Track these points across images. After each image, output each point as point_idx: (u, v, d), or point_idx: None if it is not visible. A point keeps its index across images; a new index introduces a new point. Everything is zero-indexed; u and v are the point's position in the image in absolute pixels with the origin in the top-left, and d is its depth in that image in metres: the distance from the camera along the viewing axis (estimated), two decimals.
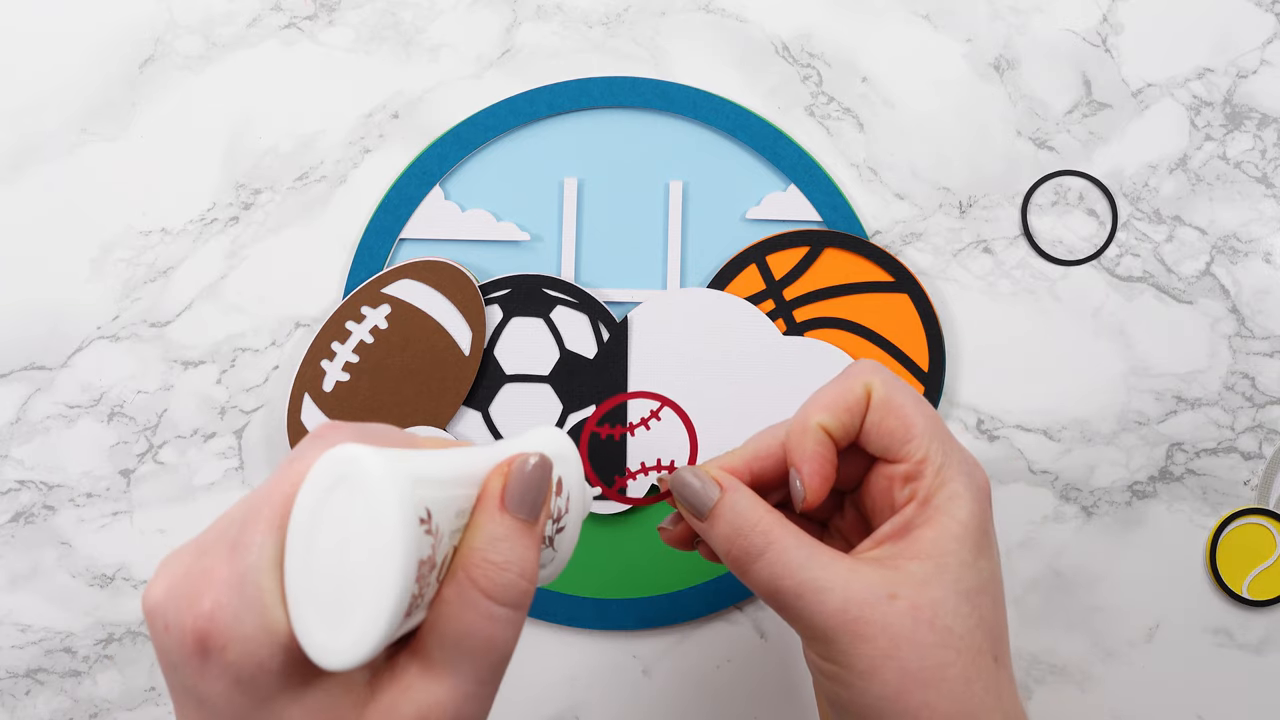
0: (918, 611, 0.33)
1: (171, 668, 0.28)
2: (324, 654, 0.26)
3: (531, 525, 0.30)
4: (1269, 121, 0.53)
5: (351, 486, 0.26)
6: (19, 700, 0.50)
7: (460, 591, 0.29)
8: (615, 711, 0.51)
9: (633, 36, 0.53)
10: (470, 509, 0.30)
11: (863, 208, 0.52)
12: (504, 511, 0.30)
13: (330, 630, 0.26)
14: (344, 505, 0.26)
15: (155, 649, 0.28)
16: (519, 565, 0.29)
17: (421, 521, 0.26)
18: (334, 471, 0.27)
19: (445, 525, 0.28)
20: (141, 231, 0.52)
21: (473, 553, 0.29)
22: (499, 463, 0.31)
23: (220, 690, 0.27)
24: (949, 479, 0.35)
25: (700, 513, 0.36)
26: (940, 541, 0.34)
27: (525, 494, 0.30)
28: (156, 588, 0.28)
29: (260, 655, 0.26)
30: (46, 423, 0.51)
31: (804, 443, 0.36)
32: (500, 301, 0.51)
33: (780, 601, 0.34)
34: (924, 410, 0.36)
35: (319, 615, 0.26)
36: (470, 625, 0.29)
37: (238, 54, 0.53)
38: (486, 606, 0.29)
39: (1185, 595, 0.51)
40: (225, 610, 0.26)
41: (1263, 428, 0.52)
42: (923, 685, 0.33)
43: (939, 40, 0.53)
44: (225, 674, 0.26)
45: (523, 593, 0.29)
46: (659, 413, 0.46)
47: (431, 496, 0.27)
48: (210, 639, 0.26)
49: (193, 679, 0.27)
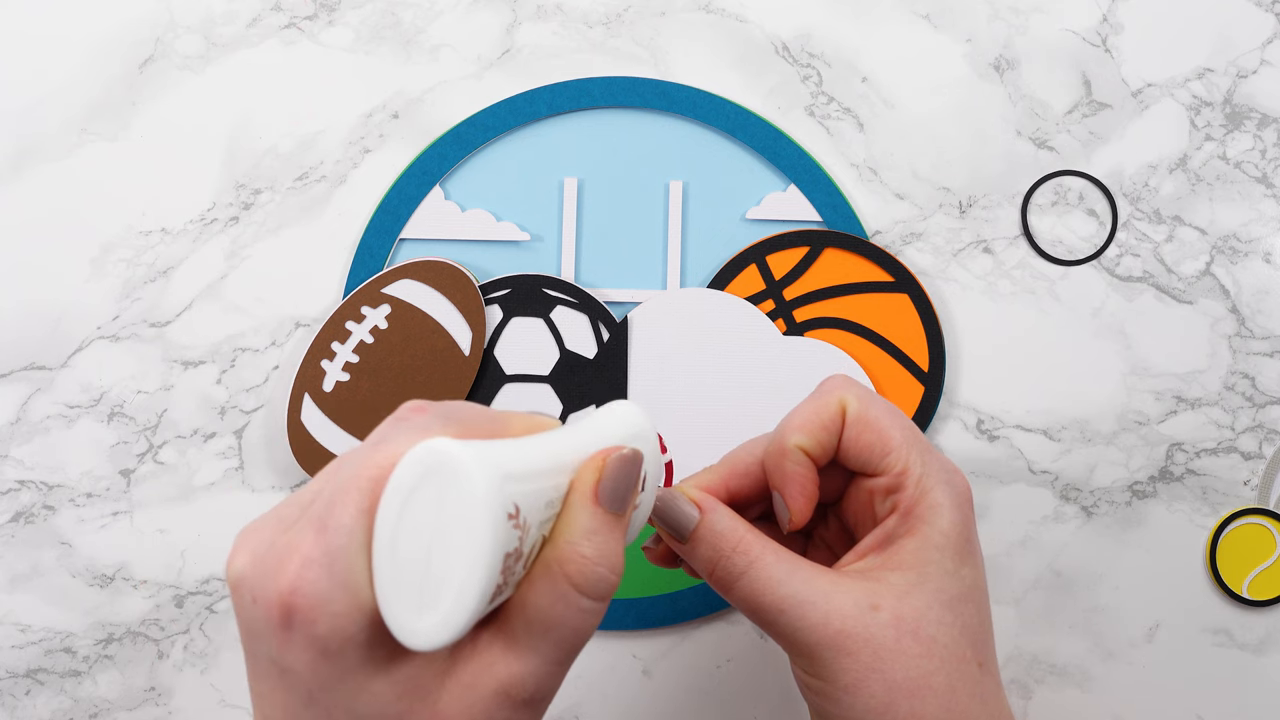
0: (901, 622, 0.33)
1: (255, 639, 0.28)
2: (410, 635, 0.27)
3: (620, 517, 0.31)
4: (1269, 121, 0.53)
5: (443, 481, 0.27)
6: (19, 700, 0.50)
7: (552, 583, 0.29)
8: (615, 711, 0.51)
9: (633, 36, 0.53)
10: (558, 499, 0.30)
11: (863, 208, 0.52)
12: (597, 506, 0.30)
13: (415, 613, 0.27)
14: (434, 496, 0.27)
15: (238, 620, 0.29)
16: (610, 559, 0.30)
17: (510, 517, 0.27)
18: (426, 463, 0.27)
19: (533, 517, 0.29)
20: (141, 231, 0.52)
21: (568, 546, 0.29)
22: (592, 455, 0.31)
23: (306, 661, 0.27)
24: (929, 489, 0.35)
25: (681, 535, 0.36)
26: (922, 551, 0.34)
27: (617, 488, 0.30)
28: (240, 559, 0.28)
29: (348, 629, 0.27)
30: (46, 423, 0.51)
31: (783, 465, 0.36)
32: (500, 301, 0.51)
33: (763, 618, 0.34)
34: (900, 422, 0.36)
35: (404, 598, 0.27)
36: (559, 615, 0.29)
37: (238, 54, 0.53)
38: (576, 599, 0.29)
39: (1185, 595, 0.51)
40: (314, 584, 0.27)
41: (1263, 428, 0.52)
42: (909, 695, 0.33)
43: (939, 40, 0.53)
44: (312, 645, 0.27)
45: (611, 585, 0.30)
46: None
47: (521, 491, 0.28)
48: (298, 611, 0.27)
49: (278, 650, 0.27)
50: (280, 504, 0.30)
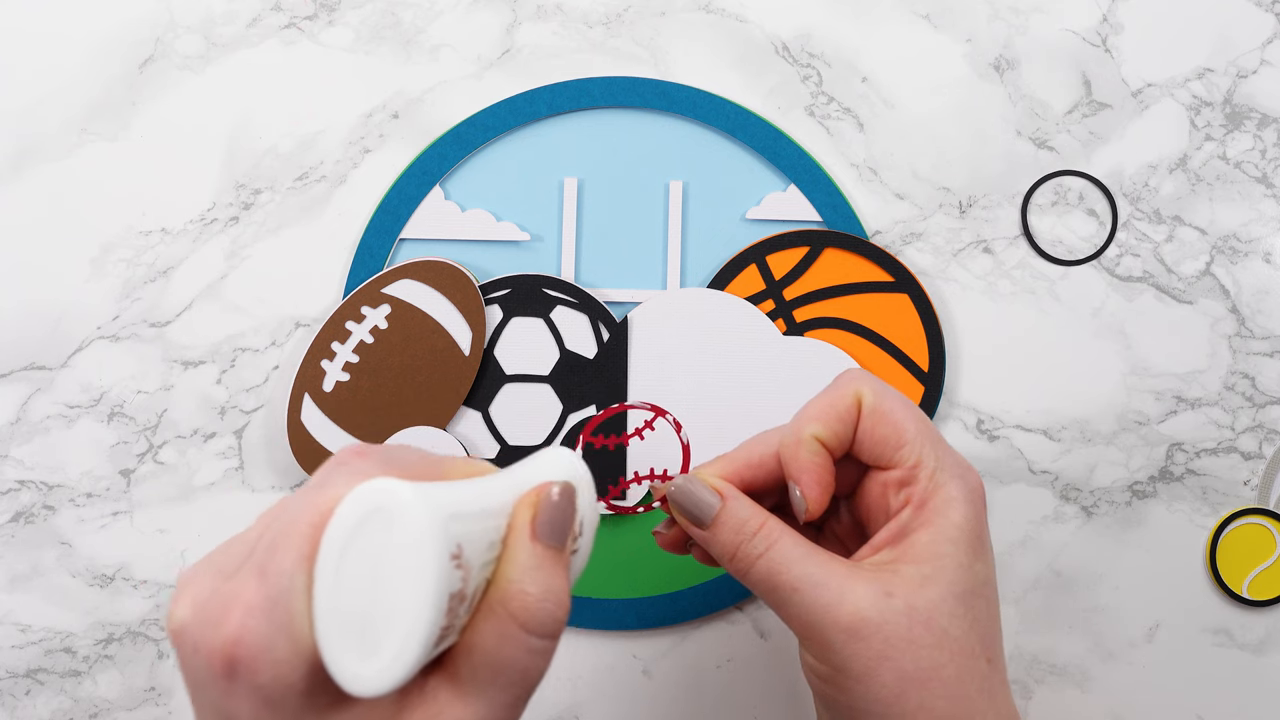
0: (914, 612, 0.33)
1: (199, 688, 0.28)
2: (352, 681, 0.27)
3: (560, 552, 0.31)
4: (1269, 121, 0.53)
5: (385, 521, 0.27)
6: (19, 700, 0.50)
7: (498, 624, 0.29)
8: (615, 711, 0.51)
9: (633, 36, 0.53)
10: (499, 540, 0.30)
11: (863, 208, 0.52)
12: (535, 542, 0.30)
13: (358, 658, 0.27)
14: (376, 538, 0.27)
15: (182, 670, 0.28)
16: (555, 595, 0.30)
17: (453, 556, 0.27)
18: (368, 504, 0.27)
19: (476, 559, 0.28)
20: (141, 231, 0.52)
21: (510, 584, 0.29)
22: (525, 493, 0.31)
23: (250, 710, 0.27)
24: (943, 483, 0.35)
25: (702, 522, 0.36)
26: (935, 545, 0.34)
27: (554, 522, 0.30)
28: (181, 608, 0.28)
29: (290, 678, 0.27)
30: (46, 423, 0.51)
31: (799, 455, 0.36)
32: (500, 301, 0.51)
33: (778, 597, 0.34)
34: (914, 415, 0.36)
35: (347, 643, 0.27)
36: (508, 656, 0.29)
37: (238, 54, 0.53)
38: (524, 639, 0.29)
39: (1185, 595, 0.51)
40: (255, 633, 0.26)
41: (1263, 428, 0.52)
42: (919, 686, 0.33)
43: (939, 40, 0.53)
44: (255, 695, 0.27)
45: (558, 622, 0.30)
46: (653, 423, 0.46)
47: (463, 531, 0.28)
48: (240, 661, 0.26)
49: (221, 700, 0.27)
50: (219, 548, 0.29)
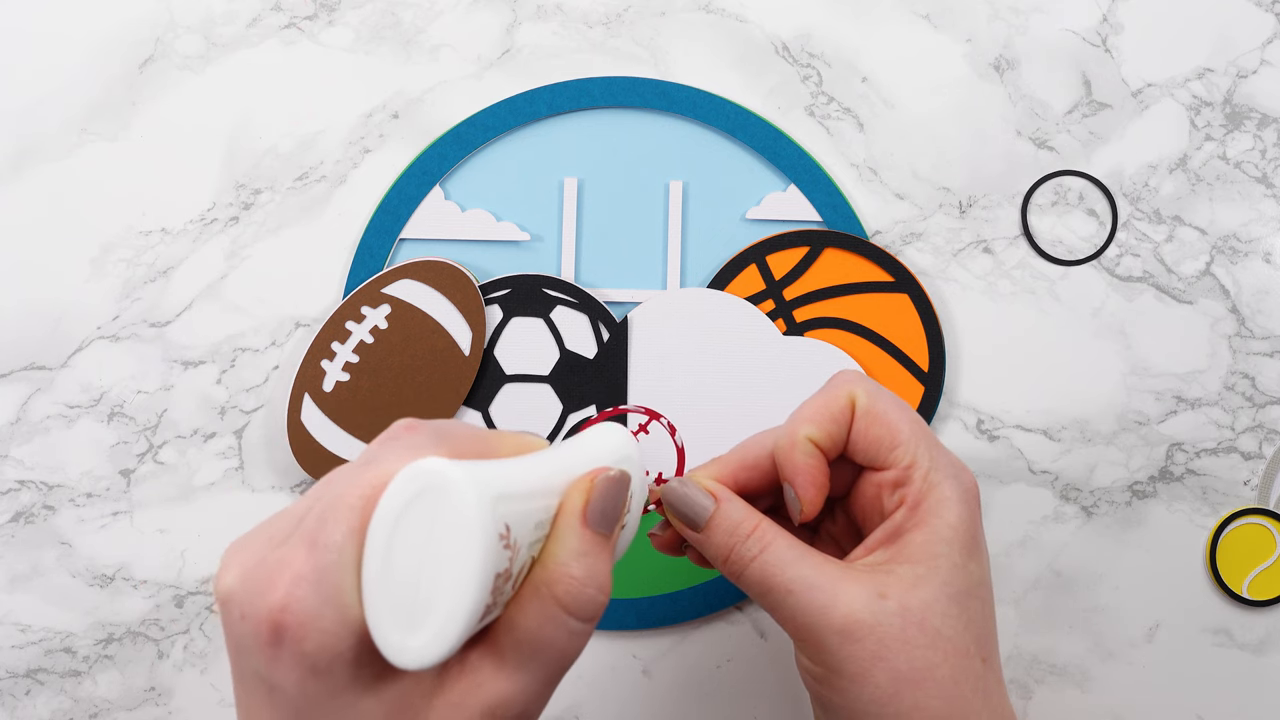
0: (907, 613, 0.33)
1: (243, 654, 0.28)
2: (398, 653, 0.27)
3: (608, 539, 0.31)
4: (1269, 121, 0.53)
5: (435, 500, 0.27)
6: (19, 700, 0.50)
7: (542, 606, 0.29)
8: (615, 711, 0.51)
9: (633, 36, 0.53)
10: (547, 520, 0.30)
11: (863, 208, 0.52)
12: (585, 527, 0.30)
13: (404, 631, 0.27)
14: (426, 516, 0.27)
15: (226, 635, 0.28)
16: (598, 580, 0.30)
17: (501, 537, 0.27)
18: (418, 483, 0.27)
19: (523, 538, 0.29)
20: (141, 231, 0.52)
21: (557, 567, 0.30)
22: (580, 477, 0.31)
23: (295, 679, 0.27)
24: (937, 483, 0.35)
25: (696, 524, 0.36)
26: (930, 545, 0.34)
27: (605, 510, 0.31)
28: (229, 575, 0.28)
29: (337, 647, 0.27)
30: (46, 423, 0.51)
31: (794, 456, 0.36)
32: (500, 301, 0.51)
33: (772, 600, 0.35)
34: (908, 416, 0.37)
35: (394, 616, 0.27)
36: (548, 636, 0.29)
37: (238, 54, 0.53)
38: (565, 620, 0.30)
39: (1185, 595, 0.51)
40: (303, 602, 0.27)
41: (1263, 428, 0.52)
42: (913, 687, 0.33)
43: (939, 40, 0.53)
44: (301, 663, 0.27)
45: (600, 606, 0.30)
46: (647, 426, 0.46)
47: (512, 511, 0.28)
48: (287, 629, 0.27)
49: (266, 667, 0.27)
50: (269, 519, 0.30)
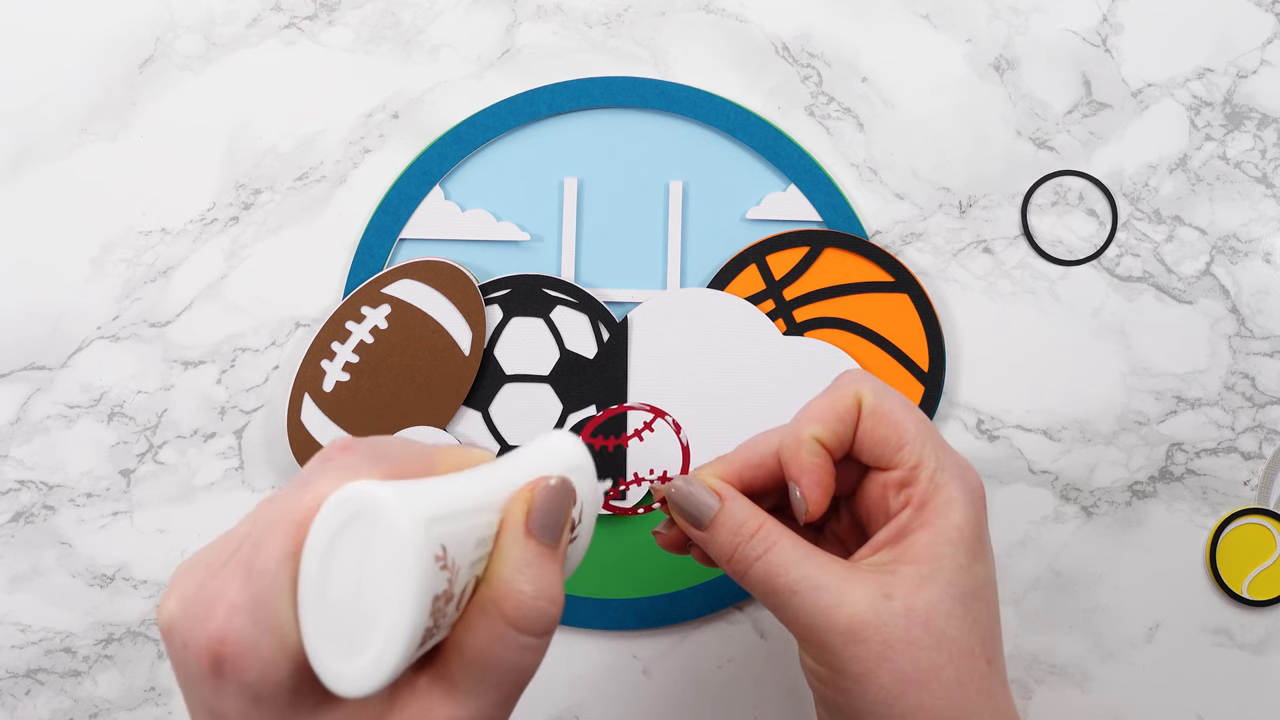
0: (912, 613, 0.33)
1: (189, 683, 0.28)
2: (336, 680, 0.27)
3: (554, 548, 0.30)
4: (1269, 121, 0.53)
5: (367, 524, 0.27)
6: (19, 700, 0.50)
7: (490, 624, 0.29)
8: (615, 711, 0.51)
9: (633, 36, 0.53)
10: (490, 536, 0.29)
11: (863, 208, 0.52)
12: (529, 538, 0.30)
13: (342, 658, 0.27)
14: (359, 541, 0.27)
15: (172, 665, 0.28)
16: (548, 593, 0.29)
17: (437, 559, 0.27)
18: (350, 507, 0.27)
19: (463, 558, 0.28)
20: (141, 231, 0.52)
21: (502, 584, 0.29)
22: (520, 488, 0.30)
23: (239, 708, 0.27)
24: (943, 484, 0.35)
25: (700, 523, 0.36)
26: (935, 545, 0.34)
27: (548, 518, 0.30)
28: (170, 603, 0.28)
29: (277, 676, 0.27)
30: (46, 423, 0.51)
31: (800, 455, 0.36)
32: (500, 301, 0.51)
33: (776, 600, 0.34)
34: (914, 416, 0.36)
35: (332, 642, 0.27)
36: (498, 655, 0.29)
37: (238, 54, 0.53)
38: (515, 637, 0.29)
39: (1185, 595, 0.51)
40: (239, 632, 0.26)
41: (1263, 428, 0.52)
42: (917, 687, 0.33)
43: (939, 40, 0.53)
44: (243, 693, 0.27)
45: (551, 619, 0.29)
46: (652, 424, 0.46)
47: (448, 531, 0.27)
48: (226, 659, 0.26)
49: (210, 697, 0.27)
50: (211, 543, 0.29)
